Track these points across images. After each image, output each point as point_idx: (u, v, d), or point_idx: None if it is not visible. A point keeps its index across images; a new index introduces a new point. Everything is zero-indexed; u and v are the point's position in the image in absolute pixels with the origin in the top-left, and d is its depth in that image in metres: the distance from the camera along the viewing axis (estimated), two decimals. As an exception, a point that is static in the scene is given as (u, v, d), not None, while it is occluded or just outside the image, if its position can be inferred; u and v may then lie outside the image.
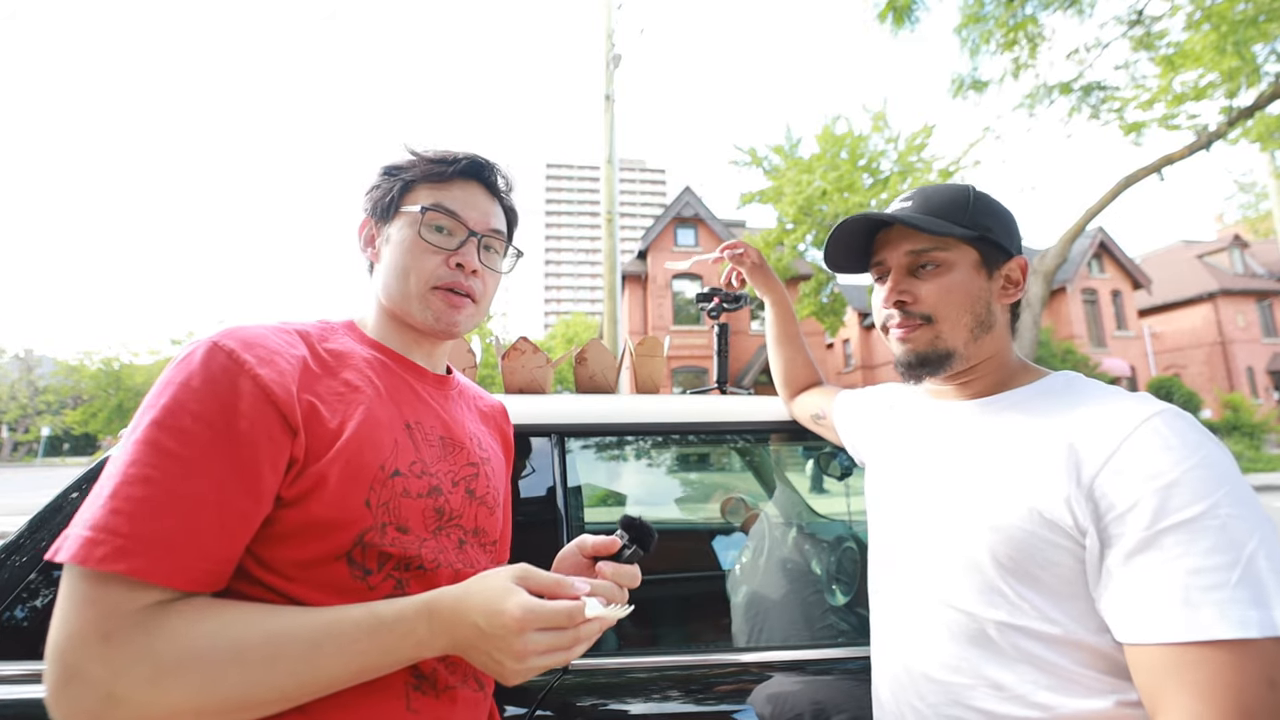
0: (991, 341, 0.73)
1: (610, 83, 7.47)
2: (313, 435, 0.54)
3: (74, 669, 0.43)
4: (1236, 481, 0.52)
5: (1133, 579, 0.52)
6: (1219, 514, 0.50)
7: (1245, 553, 0.48)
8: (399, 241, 0.67)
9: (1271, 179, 13.08)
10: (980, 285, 0.72)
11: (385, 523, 0.57)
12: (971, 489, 0.66)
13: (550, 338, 39.44)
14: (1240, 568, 0.48)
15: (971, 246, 0.72)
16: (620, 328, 6.90)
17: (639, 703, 0.92)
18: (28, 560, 0.80)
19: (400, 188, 0.68)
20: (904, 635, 0.71)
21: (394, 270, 0.67)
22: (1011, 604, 0.60)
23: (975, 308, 0.71)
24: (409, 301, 0.67)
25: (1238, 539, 0.49)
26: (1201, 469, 0.52)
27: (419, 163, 0.68)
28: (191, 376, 0.50)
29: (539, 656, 0.50)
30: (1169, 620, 0.49)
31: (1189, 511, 0.50)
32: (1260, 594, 0.47)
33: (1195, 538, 0.49)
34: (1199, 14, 6.72)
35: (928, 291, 0.72)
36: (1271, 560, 0.48)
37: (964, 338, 0.72)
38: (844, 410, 1.02)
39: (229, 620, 0.48)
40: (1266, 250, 23.83)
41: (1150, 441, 0.54)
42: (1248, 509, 0.50)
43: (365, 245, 0.72)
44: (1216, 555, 0.49)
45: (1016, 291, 0.73)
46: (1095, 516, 0.55)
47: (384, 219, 0.69)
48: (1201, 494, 0.50)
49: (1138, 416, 0.57)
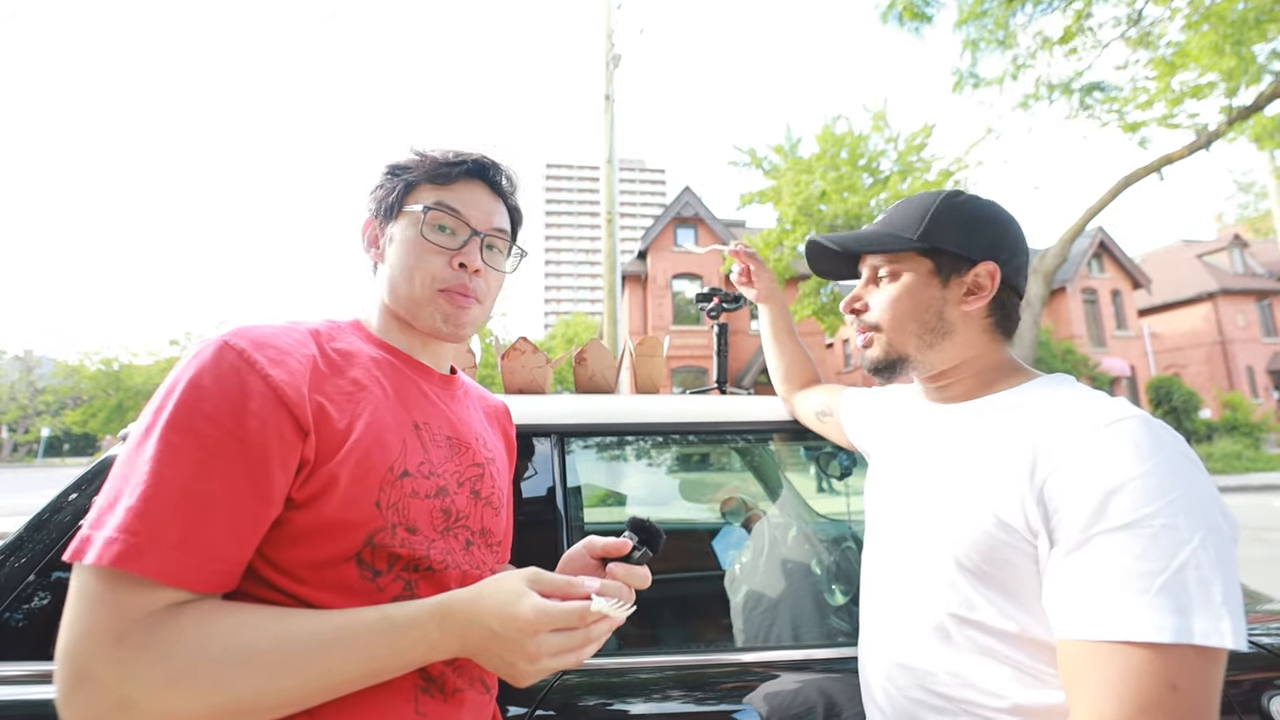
0: (954, 348, 0.74)
1: (610, 83, 7.47)
2: (322, 436, 0.54)
3: (86, 671, 0.43)
4: (1185, 492, 0.52)
5: (1065, 576, 0.55)
6: (1154, 523, 0.51)
7: (1175, 562, 0.49)
8: (402, 241, 0.67)
9: (1271, 178, 13.08)
10: (931, 294, 0.73)
11: (395, 523, 0.57)
12: (940, 492, 0.69)
13: (550, 338, 39.44)
14: (1166, 575, 0.49)
15: (925, 257, 0.73)
16: (620, 328, 6.90)
17: (639, 702, 0.92)
18: (27, 561, 0.80)
19: (403, 187, 0.67)
20: (882, 626, 0.75)
21: (399, 270, 0.66)
22: (971, 602, 0.63)
23: (923, 316, 0.73)
24: (416, 306, 0.66)
25: (1169, 548, 0.50)
26: (1149, 477, 0.52)
27: (423, 162, 0.68)
28: (202, 376, 0.50)
29: (551, 658, 0.51)
30: (1091, 617, 0.52)
31: (1127, 517, 0.52)
32: (1182, 603, 0.49)
33: (1128, 543, 0.51)
34: (1197, 15, 6.72)
35: (875, 301, 0.77)
36: (1200, 572, 0.49)
37: (913, 344, 0.74)
38: (852, 408, 1.02)
39: (241, 623, 0.48)
40: (1266, 250, 23.84)
41: (1103, 448, 0.55)
42: (1188, 520, 0.51)
43: (369, 246, 0.71)
44: (1145, 561, 0.50)
45: (981, 297, 0.72)
46: (1044, 518, 0.57)
47: (388, 218, 0.69)
48: (1142, 501, 0.52)
49: (1099, 422, 0.57)
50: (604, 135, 7.38)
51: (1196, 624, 0.48)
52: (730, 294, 1.52)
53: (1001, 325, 0.75)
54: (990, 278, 0.72)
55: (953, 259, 0.73)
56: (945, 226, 0.72)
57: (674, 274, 19.11)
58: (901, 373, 0.77)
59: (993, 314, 0.74)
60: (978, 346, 0.74)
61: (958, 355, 0.74)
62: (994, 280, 0.72)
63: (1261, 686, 0.90)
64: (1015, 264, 0.73)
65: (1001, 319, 0.75)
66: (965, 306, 0.73)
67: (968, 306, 0.73)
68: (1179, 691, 0.48)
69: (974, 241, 0.72)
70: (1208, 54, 6.73)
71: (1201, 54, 6.79)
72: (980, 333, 0.74)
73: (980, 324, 0.74)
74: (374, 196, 0.70)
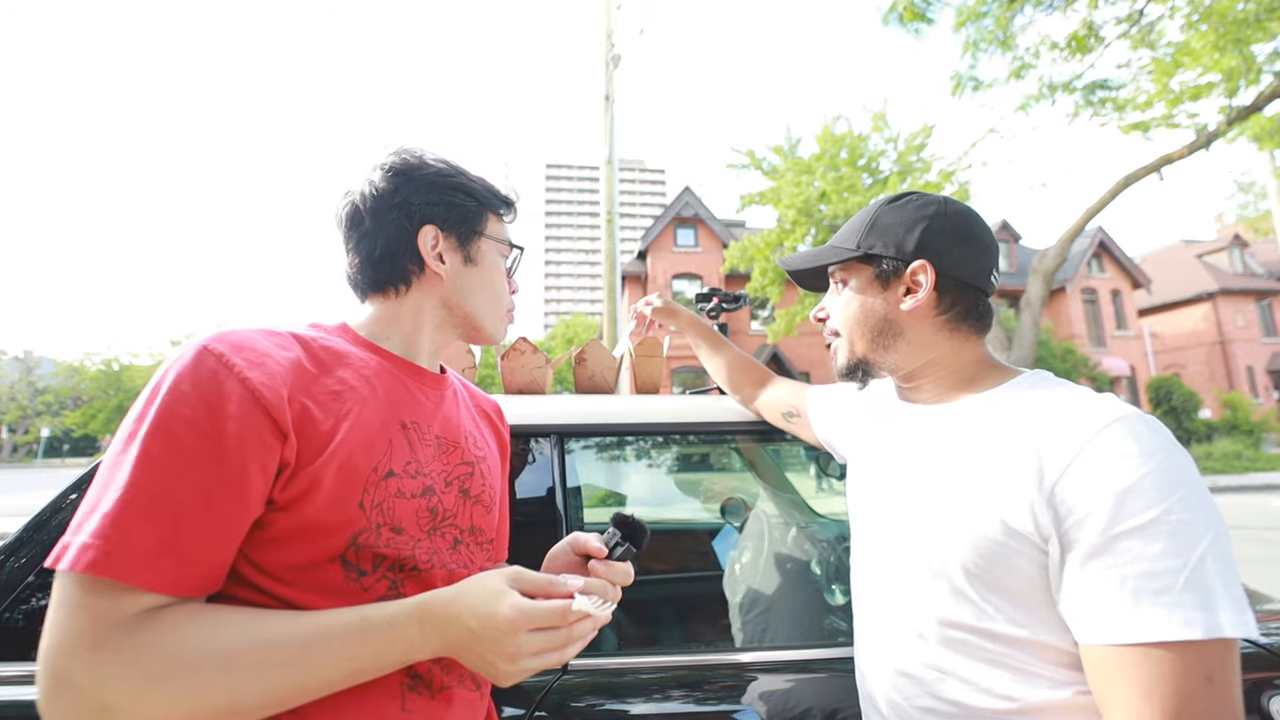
0: (909, 348, 0.74)
1: (610, 83, 7.47)
2: (304, 438, 0.54)
3: (64, 677, 0.43)
4: (1191, 486, 0.53)
5: (1087, 582, 0.55)
6: (1170, 519, 0.51)
7: (1194, 556, 0.50)
8: (491, 264, 0.74)
9: (1271, 178, 13.09)
10: (874, 299, 0.76)
11: (379, 524, 0.57)
12: (939, 497, 0.68)
13: (550, 338, 39.44)
14: (1188, 571, 0.50)
15: (865, 264, 0.76)
16: (620, 328, 6.90)
17: (638, 703, 0.92)
18: (27, 561, 0.80)
19: (480, 212, 0.73)
20: (881, 634, 0.74)
21: (488, 290, 0.74)
22: (979, 609, 0.63)
23: (869, 320, 0.76)
24: (494, 321, 0.76)
25: (1188, 543, 0.51)
26: (1157, 474, 0.53)
27: (495, 195, 0.74)
28: (181, 380, 0.50)
29: (532, 657, 0.50)
30: (1119, 622, 0.52)
31: (1143, 517, 0.52)
32: (1206, 597, 0.49)
33: (1147, 542, 0.52)
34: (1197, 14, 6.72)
35: (834, 307, 0.80)
36: (1219, 564, 0.51)
37: (867, 348, 0.77)
38: (819, 407, 1.02)
39: (218, 626, 0.48)
40: (1266, 250, 23.85)
41: (1109, 448, 0.56)
42: (1199, 513, 0.52)
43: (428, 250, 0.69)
44: (1166, 559, 0.51)
45: (918, 294, 0.72)
46: (1056, 522, 0.57)
47: (462, 234, 0.71)
48: (1155, 499, 0.52)
49: (1099, 422, 0.58)
50: (604, 135, 7.38)
51: (1224, 616, 0.49)
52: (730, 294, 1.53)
53: (963, 321, 0.74)
54: (923, 274, 0.71)
55: (890, 262, 0.74)
56: (879, 232, 0.75)
57: (674, 274, 19.12)
58: (869, 375, 0.79)
59: (945, 311, 0.73)
60: (938, 346, 0.74)
61: (918, 355, 0.75)
62: (929, 277, 0.71)
63: (1262, 686, 0.91)
64: (959, 256, 0.72)
65: (959, 315, 0.73)
66: (904, 306, 0.73)
67: (905, 306, 0.73)
68: (1214, 683, 0.49)
69: (905, 242, 0.73)
70: (1208, 53, 6.73)
71: (1202, 54, 6.79)
72: (934, 331, 0.74)
73: (932, 322, 0.73)
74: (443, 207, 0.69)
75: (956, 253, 0.72)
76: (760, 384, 1.18)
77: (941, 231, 0.72)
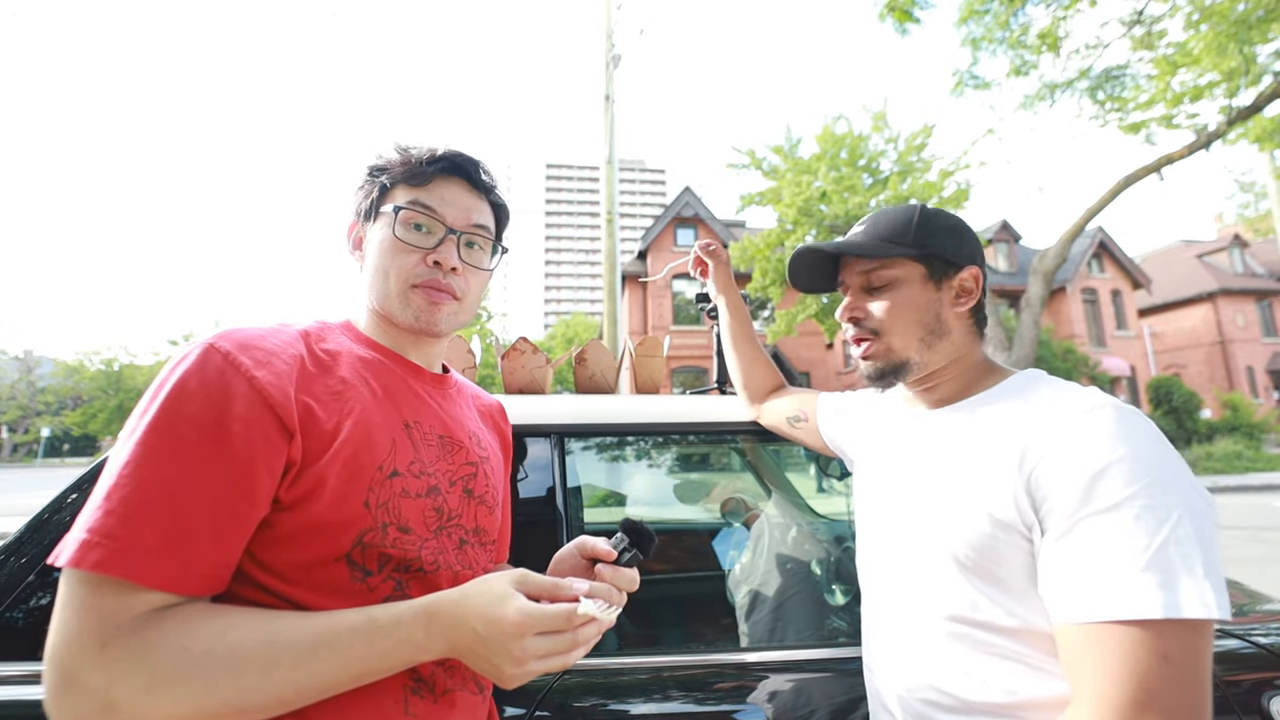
0: (948, 348, 0.77)
1: (610, 83, 7.47)
2: (309, 437, 0.54)
3: (71, 676, 0.43)
4: (1163, 472, 0.55)
5: (1056, 561, 0.57)
6: (1136, 503, 0.53)
7: (1158, 539, 0.52)
8: (378, 241, 0.67)
9: (1271, 178, 13.09)
10: (929, 297, 0.77)
11: (386, 523, 0.57)
12: (933, 495, 0.71)
13: (550, 338, 39.46)
14: (1150, 553, 0.52)
15: (917, 262, 0.77)
16: (620, 328, 6.90)
17: (639, 703, 0.92)
18: (27, 561, 0.80)
19: (381, 188, 0.67)
20: (889, 631, 0.76)
21: (375, 270, 0.67)
22: (975, 601, 0.65)
23: (924, 318, 0.76)
24: (390, 300, 0.66)
25: (1152, 526, 0.52)
26: (1128, 460, 0.55)
27: (399, 162, 0.67)
28: (187, 379, 0.50)
29: (537, 661, 0.50)
30: (1082, 601, 0.54)
31: (1110, 500, 0.54)
32: (1167, 578, 0.51)
33: (1113, 524, 0.54)
34: (1198, 14, 6.72)
35: (876, 307, 0.78)
36: (1181, 547, 0.52)
37: (915, 347, 0.77)
38: (829, 413, 1.03)
39: (225, 626, 0.48)
40: (1266, 250, 23.84)
41: (1084, 434, 0.58)
42: (1167, 498, 0.54)
43: (353, 248, 0.71)
44: (1130, 541, 0.53)
45: (970, 299, 0.77)
46: (1034, 507, 0.60)
47: (367, 220, 0.69)
48: (1125, 483, 0.54)
49: (1078, 411, 0.60)
50: (604, 135, 7.38)
51: (1183, 598, 0.50)
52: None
53: (981, 326, 0.81)
54: (975, 281, 0.77)
55: (942, 263, 0.76)
56: (934, 233, 0.77)
57: (674, 274, 19.10)
58: (900, 377, 0.79)
59: (974, 314, 0.79)
60: (965, 346, 0.78)
61: (950, 355, 0.78)
62: (978, 283, 0.77)
63: (1262, 686, 0.90)
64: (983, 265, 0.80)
65: (981, 320, 0.80)
66: (957, 308, 0.77)
67: (959, 308, 0.77)
68: (1171, 662, 0.50)
69: (960, 247, 0.77)
70: (1209, 54, 6.73)
71: (1202, 54, 6.79)
72: (965, 333, 0.79)
73: (966, 324, 0.79)
74: (355, 198, 0.70)
75: (980, 261, 0.79)
76: (773, 386, 1.19)
77: (975, 242, 0.78)
